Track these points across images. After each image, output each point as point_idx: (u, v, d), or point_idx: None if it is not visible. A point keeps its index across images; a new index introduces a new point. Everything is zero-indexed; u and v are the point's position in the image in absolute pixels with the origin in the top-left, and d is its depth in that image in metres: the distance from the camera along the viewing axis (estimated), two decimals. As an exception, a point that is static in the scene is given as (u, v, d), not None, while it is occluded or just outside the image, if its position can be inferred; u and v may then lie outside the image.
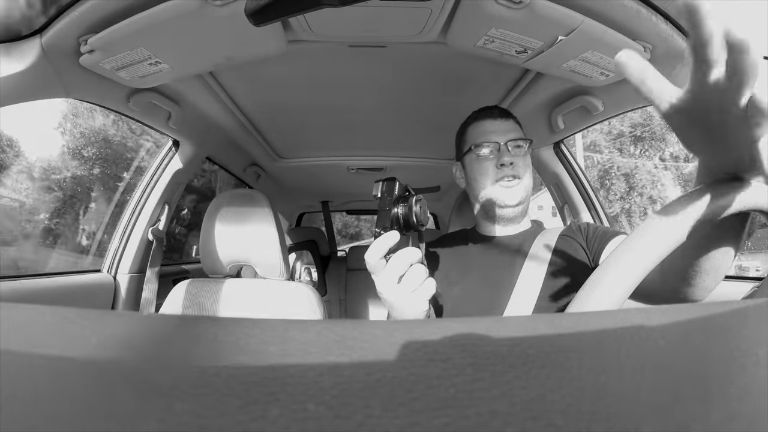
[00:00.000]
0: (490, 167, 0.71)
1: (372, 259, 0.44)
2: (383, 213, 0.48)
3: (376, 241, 0.44)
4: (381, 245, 0.44)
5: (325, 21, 0.69)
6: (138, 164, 3.37)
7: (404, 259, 0.44)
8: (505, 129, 0.72)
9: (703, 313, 0.21)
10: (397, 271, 0.44)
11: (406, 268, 0.44)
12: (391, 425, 0.12)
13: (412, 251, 0.45)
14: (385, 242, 0.44)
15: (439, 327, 0.18)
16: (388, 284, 0.45)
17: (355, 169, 1.69)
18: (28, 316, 0.19)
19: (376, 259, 0.44)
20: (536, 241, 0.69)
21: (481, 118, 0.74)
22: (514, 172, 0.70)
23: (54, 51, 0.62)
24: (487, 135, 0.71)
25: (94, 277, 1.09)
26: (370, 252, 0.44)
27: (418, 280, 0.45)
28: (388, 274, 0.44)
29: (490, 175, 0.71)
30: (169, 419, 0.12)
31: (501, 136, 0.71)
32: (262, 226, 0.94)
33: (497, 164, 0.70)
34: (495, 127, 0.72)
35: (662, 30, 0.60)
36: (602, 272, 0.30)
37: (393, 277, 0.44)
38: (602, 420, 0.12)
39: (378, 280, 0.46)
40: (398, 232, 0.45)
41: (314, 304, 0.93)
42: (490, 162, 0.71)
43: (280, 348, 0.16)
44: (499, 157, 0.70)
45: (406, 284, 0.45)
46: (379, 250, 0.44)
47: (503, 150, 0.70)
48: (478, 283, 0.67)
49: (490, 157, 0.71)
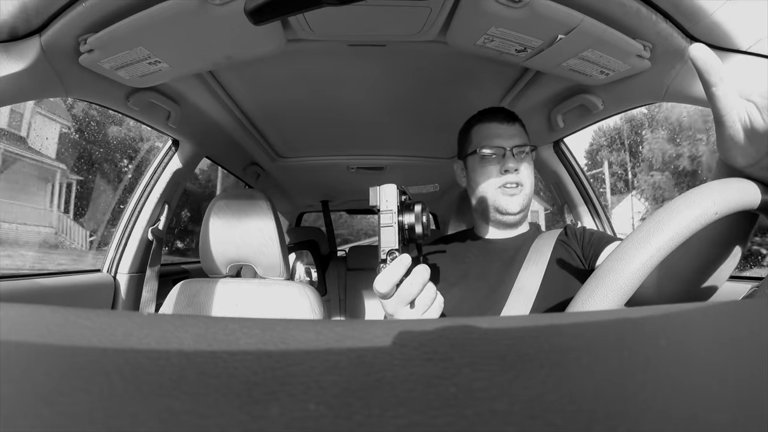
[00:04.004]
0: (494, 172, 0.70)
1: (383, 288, 0.40)
2: (388, 231, 0.42)
3: (388, 270, 0.41)
4: (393, 274, 0.40)
5: (325, 20, 0.68)
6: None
7: (417, 284, 0.41)
8: (511, 134, 0.71)
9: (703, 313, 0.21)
10: (410, 296, 0.41)
11: (419, 292, 0.41)
12: (391, 425, 0.12)
13: (422, 272, 0.42)
14: (398, 269, 0.40)
15: (438, 327, 0.18)
16: (399, 308, 0.42)
17: (354, 168, 1.69)
18: (28, 316, 0.19)
19: (388, 289, 0.40)
20: (534, 245, 0.69)
21: (487, 120, 0.73)
22: (518, 179, 0.69)
23: (53, 50, 0.62)
24: (492, 138, 0.71)
25: (94, 277, 1.08)
26: (382, 281, 0.40)
27: (430, 301, 0.43)
28: (399, 300, 0.41)
29: (492, 179, 0.70)
30: (169, 419, 0.12)
31: (507, 140, 0.70)
32: (261, 225, 0.94)
33: (501, 170, 0.69)
34: (501, 131, 0.71)
35: (662, 29, 0.59)
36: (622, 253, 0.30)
37: (405, 302, 0.41)
38: (602, 420, 0.12)
39: (387, 304, 0.43)
40: (409, 255, 0.41)
41: (314, 304, 0.93)
42: (494, 167, 0.70)
43: (280, 348, 0.16)
44: (504, 163, 0.69)
45: (419, 307, 0.42)
46: (391, 279, 0.40)
47: (508, 155, 0.69)
48: (476, 285, 0.67)
49: (494, 161, 0.70)
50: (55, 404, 0.13)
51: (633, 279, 0.29)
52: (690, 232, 0.30)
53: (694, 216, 0.30)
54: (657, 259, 0.29)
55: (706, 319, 0.20)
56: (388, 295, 0.41)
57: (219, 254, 0.97)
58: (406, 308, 0.42)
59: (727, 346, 0.17)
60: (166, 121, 1.00)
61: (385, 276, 0.40)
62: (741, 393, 0.14)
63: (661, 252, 0.30)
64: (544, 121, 1.09)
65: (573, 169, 1.25)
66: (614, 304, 0.29)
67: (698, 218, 0.30)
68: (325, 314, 0.97)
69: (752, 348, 0.17)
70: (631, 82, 0.76)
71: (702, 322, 0.20)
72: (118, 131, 7.61)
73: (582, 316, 0.21)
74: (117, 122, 6.87)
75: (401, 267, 0.40)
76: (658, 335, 0.18)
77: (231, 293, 0.95)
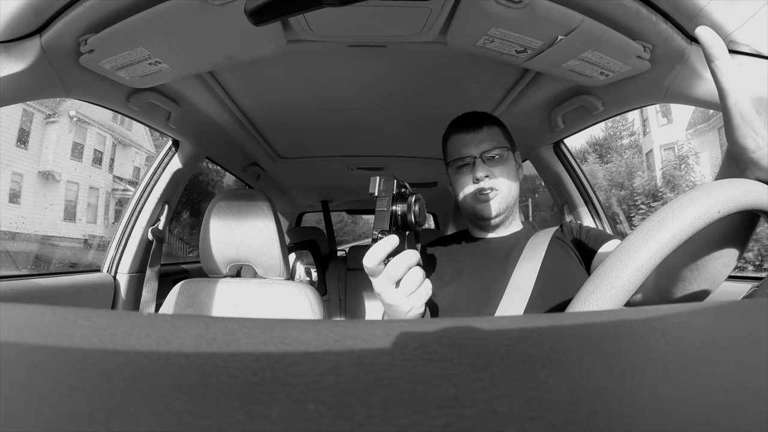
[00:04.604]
0: (468, 181, 0.72)
1: (370, 263, 0.44)
2: (381, 214, 0.46)
3: (375, 246, 0.44)
4: (380, 250, 0.43)
5: (325, 21, 0.68)
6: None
7: (403, 263, 0.44)
8: (478, 140, 0.71)
9: (703, 313, 0.21)
10: (396, 275, 0.44)
11: (404, 271, 0.44)
12: (391, 425, 0.12)
13: (410, 254, 0.44)
14: (385, 247, 0.43)
15: (439, 327, 0.18)
16: (385, 287, 0.45)
17: (354, 168, 1.69)
18: (28, 316, 0.19)
19: (375, 264, 0.44)
20: (529, 242, 0.70)
21: (455, 132, 0.75)
22: (491, 185, 0.70)
23: (54, 51, 0.62)
24: (460, 149, 0.72)
25: (93, 276, 1.08)
26: (369, 256, 0.44)
27: (416, 283, 0.45)
28: (386, 278, 0.44)
29: (467, 188, 0.72)
30: (169, 419, 0.12)
31: (474, 148, 0.71)
32: (262, 225, 0.94)
33: (474, 178, 0.70)
34: (468, 140, 0.72)
35: (662, 30, 0.59)
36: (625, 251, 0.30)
37: (391, 281, 0.44)
38: (602, 420, 0.12)
39: (376, 282, 0.46)
40: (397, 236, 0.44)
41: (314, 304, 0.93)
42: (467, 176, 0.72)
43: (280, 348, 0.16)
44: (474, 171, 0.70)
45: (404, 288, 0.44)
46: (378, 255, 0.43)
47: (478, 163, 0.70)
48: (470, 283, 0.68)
49: (466, 171, 0.72)
50: (55, 404, 0.13)
51: (634, 278, 0.29)
52: (692, 231, 0.30)
53: (696, 215, 0.30)
54: (658, 258, 0.29)
55: (706, 319, 0.20)
56: (376, 272, 0.44)
57: (219, 254, 0.97)
58: (393, 288, 0.44)
59: (727, 346, 0.17)
60: (167, 121, 1.00)
61: (372, 251, 0.43)
62: (741, 393, 0.14)
63: (662, 251, 0.29)
64: (544, 122, 1.09)
65: (573, 169, 1.25)
66: (615, 303, 0.29)
67: (700, 217, 0.30)
68: (325, 314, 0.97)
69: (752, 348, 0.17)
70: (631, 83, 0.76)
71: (702, 322, 0.20)
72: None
73: (582, 317, 0.21)
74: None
75: (387, 245, 0.43)
76: (658, 335, 0.18)
77: (231, 293, 0.95)
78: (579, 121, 1.01)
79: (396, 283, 0.44)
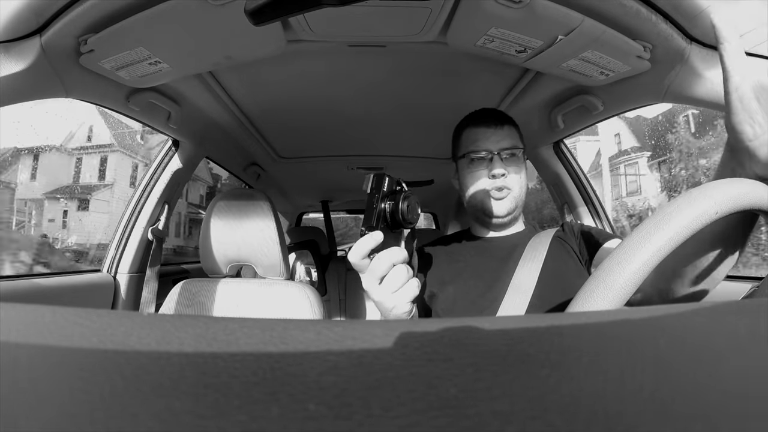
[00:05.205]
0: (482, 175, 0.71)
1: (353, 258, 0.44)
2: (369, 210, 0.46)
3: (359, 241, 0.44)
4: (363, 245, 0.43)
5: (325, 20, 0.68)
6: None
7: (385, 260, 0.44)
8: (499, 137, 0.71)
9: (703, 313, 0.21)
10: (378, 271, 0.44)
11: (387, 269, 0.44)
12: (391, 425, 0.12)
13: (395, 252, 0.44)
14: (368, 243, 0.43)
15: (440, 327, 0.18)
16: (370, 284, 0.45)
17: (354, 168, 1.69)
18: (28, 316, 0.19)
19: (357, 259, 0.44)
20: (531, 242, 0.69)
21: (475, 125, 0.73)
22: (505, 183, 0.70)
23: (54, 51, 0.62)
24: (479, 143, 0.71)
25: (93, 276, 1.08)
26: (353, 251, 0.44)
27: (400, 281, 0.44)
28: (369, 274, 0.44)
29: (481, 183, 0.71)
30: (169, 419, 0.12)
31: (494, 144, 0.70)
32: (262, 225, 0.94)
33: (489, 174, 0.70)
34: (489, 135, 0.71)
35: (662, 29, 0.59)
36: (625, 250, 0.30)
37: (374, 277, 0.44)
38: (602, 420, 0.12)
39: (362, 278, 0.46)
40: (382, 232, 0.44)
41: (314, 304, 0.93)
42: (482, 171, 0.71)
43: (280, 348, 0.16)
44: (492, 167, 0.69)
45: (387, 285, 0.44)
46: (360, 250, 0.43)
47: (496, 159, 0.69)
48: (471, 283, 0.67)
49: (482, 166, 0.71)
50: (55, 404, 0.13)
51: (633, 279, 0.29)
52: (690, 232, 0.30)
53: (694, 216, 0.30)
54: (657, 259, 0.29)
55: (706, 319, 0.20)
56: (361, 268, 0.45)
57: (219, 254, 0.97)
58: (377, 284, 0.45)
59: (727, 346, 0.17)
60: (167, 121, 1.00)
61: (355, 247, 0.44)
62: (741, 393, 0.14)
63: (661, 252, 0.29)
64: (544, 122, 1.09)
65: (573, 169, 1.25)
66: (614, 303, 0.29)
67: (698, 218, 0.30)
68: (325, 314, 0.97)
69: (752, 348, 0.17)
70: (631, 82, 0.76)
71: (702, 322, 0.20)
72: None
73: (582, 317, 0.21)
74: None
75: (371, 241, 0.43)
76: (658, 335, 0.18)
77: (231, 293, 0.95)
78: (579, 120, 1.01)
79: (380, 279, 0.44)
